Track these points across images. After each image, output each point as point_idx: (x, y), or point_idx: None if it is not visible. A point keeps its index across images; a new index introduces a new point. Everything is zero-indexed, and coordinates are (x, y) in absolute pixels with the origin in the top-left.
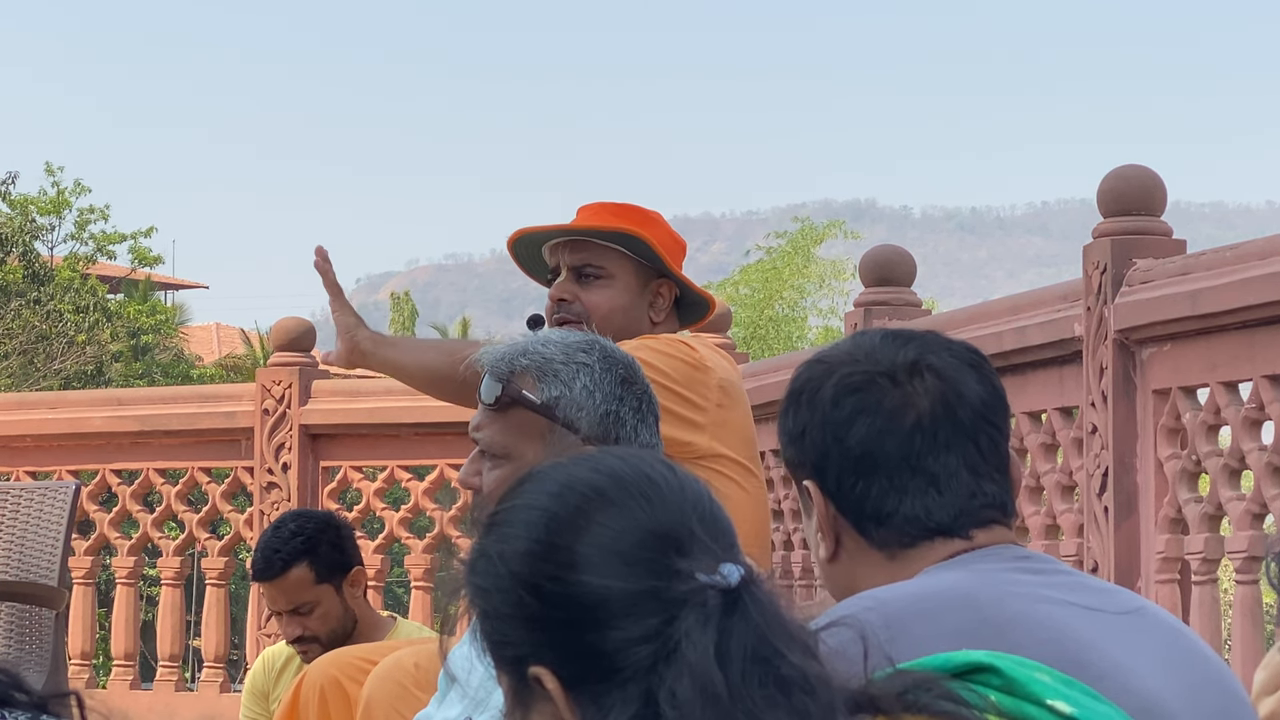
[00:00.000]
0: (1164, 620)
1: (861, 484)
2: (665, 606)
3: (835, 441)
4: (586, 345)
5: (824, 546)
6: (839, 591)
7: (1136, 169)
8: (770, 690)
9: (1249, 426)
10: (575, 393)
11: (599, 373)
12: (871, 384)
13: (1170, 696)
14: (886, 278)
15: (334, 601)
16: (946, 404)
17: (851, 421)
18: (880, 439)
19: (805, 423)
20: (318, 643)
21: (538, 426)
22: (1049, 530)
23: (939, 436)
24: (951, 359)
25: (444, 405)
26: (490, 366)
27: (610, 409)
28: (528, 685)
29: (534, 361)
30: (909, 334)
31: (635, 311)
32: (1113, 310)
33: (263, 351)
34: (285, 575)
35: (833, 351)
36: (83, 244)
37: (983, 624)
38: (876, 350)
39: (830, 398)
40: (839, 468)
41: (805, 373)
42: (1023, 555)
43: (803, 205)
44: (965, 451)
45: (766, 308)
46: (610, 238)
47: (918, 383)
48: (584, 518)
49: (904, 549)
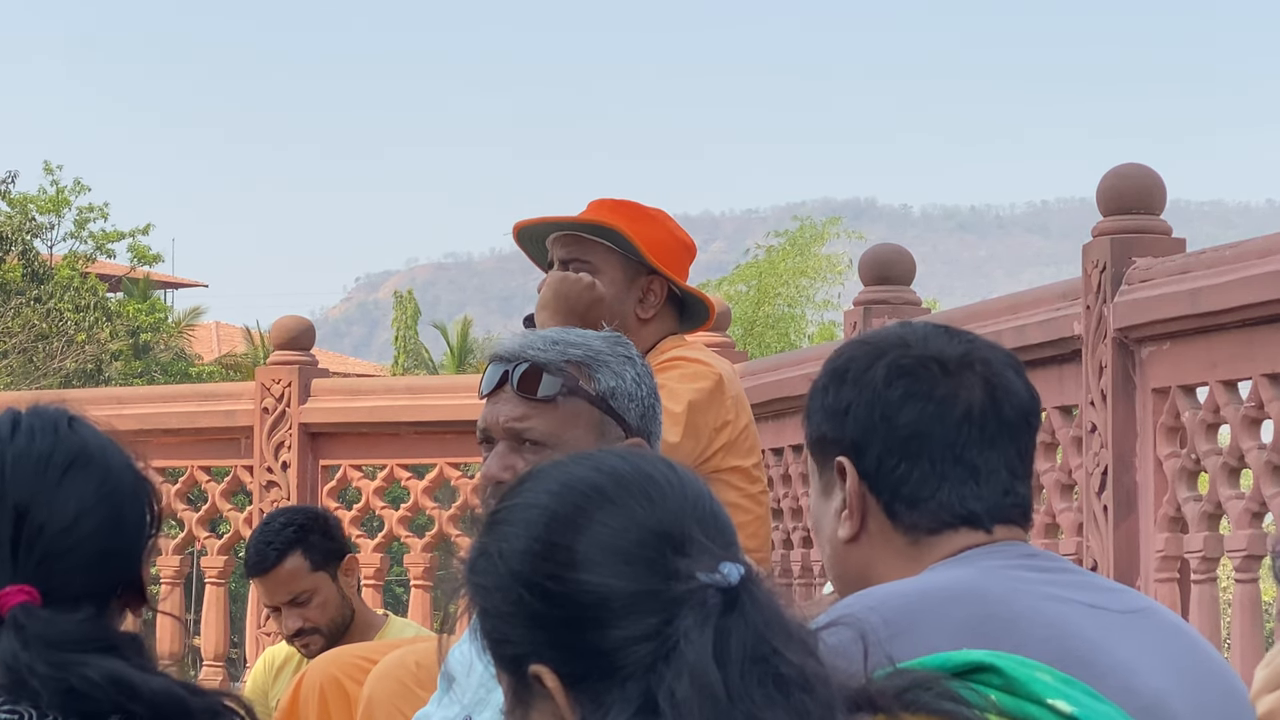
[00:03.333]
0: (1168, 620)
1: (904, 465)
2: (665, 605)
3: (884, 420)
4: (619, 340)
5: (847, 526)
6: (848, 575)
7: (1136, 168)
8: (769, 689)
9: (1248, 425)
10: (627, 384)
11: (641, 366)
12: (925, 369)
13: (1173, 696)
14: (886, 276)
15: (331, 589)
16: (995, 401)
17: (903, 403)
18: (930, 424)
19: (850, 400)
20: (319, 633)
21: (592, 418)
22: (1048, 529)
23: (985, 431)
24: (997, 358)
25: (443, 404)
26: (537, 358)
27: (650, 404)
28: (528, 684)
29: (584, 354)
30: (954, 329)
31: (620, 306)
32: (1112, 309)
33: (262, 350)
34: (280, 565)
35: (880, 335)
36: (82, 243)
37: (989, 618)
38: (929, 338)
39: (882, 377)
40: (883, 447)
41: (850, 351)
42: (1029, 553)
43: (802, 204)
44: (1006, 451)
45: (764, 305)
46: (592, 231)
47: (968, 375)
48: (584, 516)
49: (929, 535)
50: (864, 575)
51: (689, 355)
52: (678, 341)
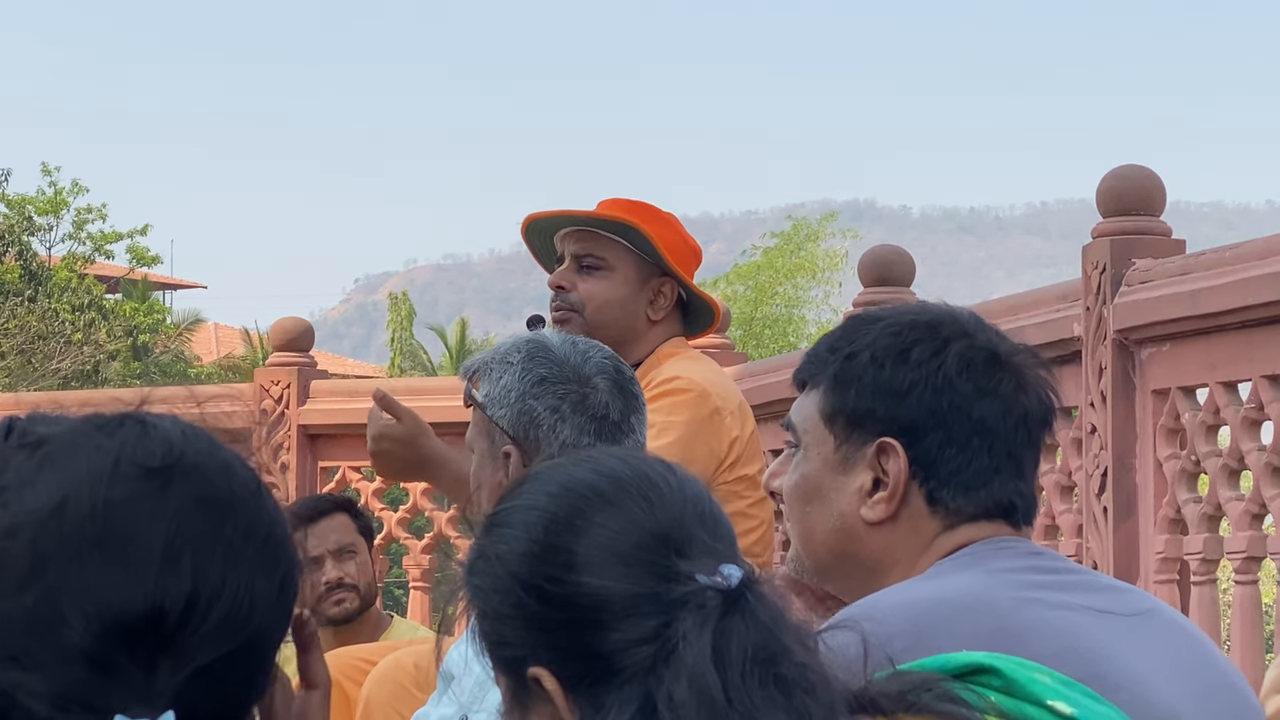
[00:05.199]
0: (1174, 622)
1: (964, 455)
2: (664, 607)
3: (953, 409)
4: (522, 345)
5: (881, 509)
6: (858, 555)
7: (1136, 169)
8: (771, 691)
9: (1248, 426)
10: (496, 391)
11: (519, 371)
12: (995, 364)
13: (1183, 704)
14: (885, 278)
15: (368, 557)
16: (1042, 405)
17: (979, 395)
18: (1000, 418)
19: (915, 381)
20: (355, 591)
21: (483, 424)
22: (1049, 530)
23: (1033, 434)
24: (1032, 358)
25: (441, 405)
26: (467, 368)
27: (525, 406)
28: (527, 686)
29: (479, 362)
30: (991, 325)
31: (632, 306)
32: (1112, 310)
33: (261, 351)
34: (332, 515)
35: (933, 315)
36: (80, 244)
37: (1000, 631)
38: (984, 331)
39: (955, 366)
40: (947, 435)
41: (911, 333)
42: (1034, 552)
43: (802, 205)
44: (1037, 454)
45: (762, 305)
46: (611, 228)
47: (1024, 374)
48: (583, 518)
49: (967, 522)
50: (879, 560)
51: (681, 379)
52: (678, 346)
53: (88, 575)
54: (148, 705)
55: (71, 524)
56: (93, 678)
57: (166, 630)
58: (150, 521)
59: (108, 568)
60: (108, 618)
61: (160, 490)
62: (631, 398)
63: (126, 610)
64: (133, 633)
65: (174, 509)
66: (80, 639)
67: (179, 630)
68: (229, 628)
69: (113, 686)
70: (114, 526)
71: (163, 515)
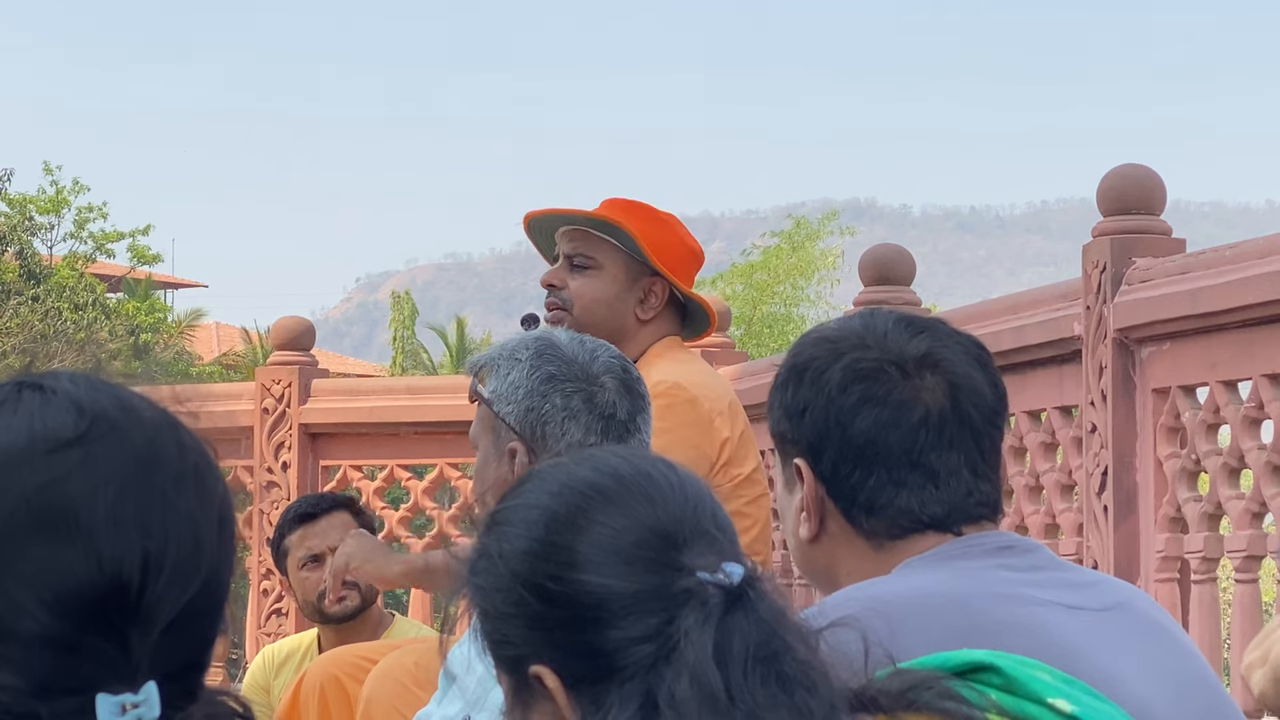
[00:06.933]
0: (1145, 615)
1: (859, 473)
2: (666, 605)
3: (838, 427)
4: (530, 342)
5: (807, 527)
6: (815, 572)
7: (1136, 168)
8: (772, 688)
9: (1248, 425)
10: (504, 387)
11: (528, 368)
12: (881, 373)
13: (1156, 699)
14: (886, 277)
15: None
16: (956, 401)
17: (858, 410)
18: (885, 431)
19: (807, 401)
20: (357, 589)
21: (488, 420)
22: (1048, 529)
23: (944, 434)
24: (962, 354)
25: (444, 405)
26: (472, 364)
27: (533, 404)
28: (528, 684)
29: (486, 357)
30: (921, 322)
31: (620, 305)
32: (1112, 309)
33: (262, 350)
34: (331, 513)
35: (842, 331)
36: (81, 243)
37: (973, 629)
38: (888, 337)
39: (838, 382)
40: (837, 454)
41: (811, 350)
42: (1004, 545)
43: (802, 204)
44: (969, 451)
45: (761, 304)
46: (600, 227)
47: (928, 376)
48: (584, 517)
49: (891, 540)
50: (829, 573)
51: (665, 383)
52: (669, 346)
53: (38, 561)
54: (127, 680)
55: (5, 515)
56: (64, 661)
57: (130, 599)
58: (85, 495)
59: (56, 550)
60: (68, 599)
61: (84, 461)
62: (638, 397)
63: (86, 588)
64: (96, 609)
65: (103, 476)
66: (44, 626)
67: (141, 595)
68: (183, 578)
69: (87, 666)
70: (50, 508)
71: (94, 485)
